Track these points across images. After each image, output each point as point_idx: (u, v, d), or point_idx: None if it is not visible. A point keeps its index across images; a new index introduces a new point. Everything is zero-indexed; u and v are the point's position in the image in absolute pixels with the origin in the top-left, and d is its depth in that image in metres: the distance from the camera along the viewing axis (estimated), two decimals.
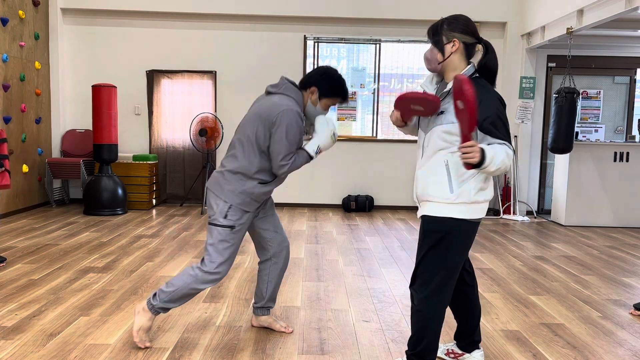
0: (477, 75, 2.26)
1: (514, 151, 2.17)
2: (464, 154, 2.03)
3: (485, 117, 2.11)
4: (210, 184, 2.67)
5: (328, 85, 2.67)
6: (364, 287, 3.82)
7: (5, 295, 3.42)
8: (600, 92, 7.67)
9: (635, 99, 7.70)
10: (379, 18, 7.32)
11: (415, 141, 7.67)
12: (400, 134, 7.75)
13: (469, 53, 2.27)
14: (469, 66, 2.25)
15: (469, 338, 2.53)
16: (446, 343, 2.71)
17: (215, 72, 7.45)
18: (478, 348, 2.55)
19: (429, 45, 2.38)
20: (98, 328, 2.92)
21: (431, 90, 2.37)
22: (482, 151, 2.03)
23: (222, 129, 7.31)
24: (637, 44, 7.26)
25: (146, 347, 2.67)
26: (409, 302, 3.49)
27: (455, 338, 2.60)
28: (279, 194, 7.62)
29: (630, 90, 7.68)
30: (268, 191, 2.69)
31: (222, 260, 2.61)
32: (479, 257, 4.83)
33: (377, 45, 7.56)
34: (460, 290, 2.49)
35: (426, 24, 7.39)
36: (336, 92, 2.69)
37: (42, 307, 3.22)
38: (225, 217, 2.60)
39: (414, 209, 7.63)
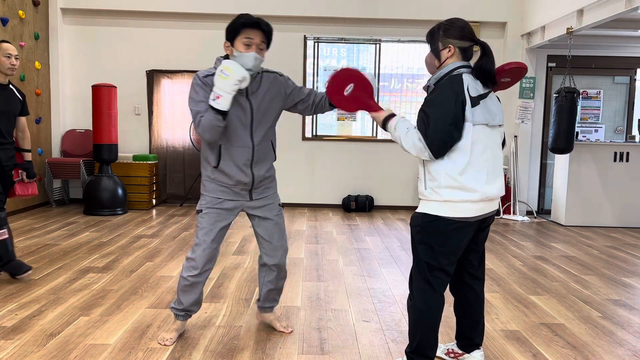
0: (457, 72, 2.26)
1: (429, 149, 2.15)
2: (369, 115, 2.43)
3: (424, 107, 2.24)
4: None
5: (228, 29, 2.55)
6: (364, 287, 3.82)
7: (5, 295, 3.42)
8: (600, 92, 7.68)
9: (635, 99, 7.70)
10: (379, 18, 7.32)
11: None
12: None
13: (465, 56, 2.32)
14: (449, 64, 2.30)
15: (468, 339, 2.54)
16: (446, 343, 2.72)
17: None
18: (478, 348, 2.55)
19: (429, 48, 2.40)
20: (98, 328, 2.92)
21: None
22: (392, 115, 2.43)
23: None
24: (637, 44, 7.26)
25: (165, 345, 2.72)
26: None
27: (456, 338, 2.60)
28: (279, 193, 7.60)
29: (630, 90, 7.68)
30: (228, 175, 2.59)
31: (196, 242, 2.67)
32: None
33: (377, 45, 7.56)
34: (461, 291, 2.50)
35: (426, 24, 7.42)
36: (234, 27, 2.51)
37: (42, 307, 3.22)
38: (198, 204, 2.72)
39: (414, 208, 7.63)
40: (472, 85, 2.24)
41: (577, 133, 6.84)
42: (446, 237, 2.26)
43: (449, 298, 3.61)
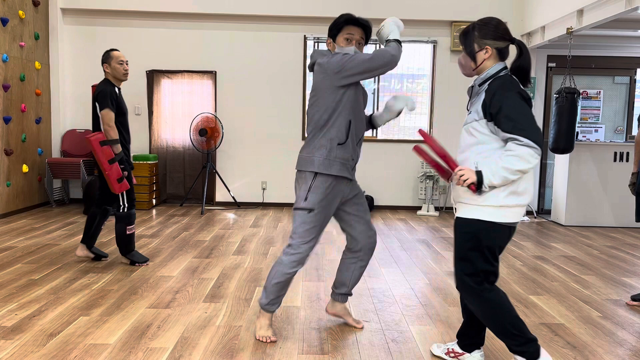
0: (504, 73, 2.24)
1: (536, 143, 2.09)
2: (460, 177, 2.16)
3: (497, 109, 2.13)
4: None
5: (331, 27, 2.74)
6: (364, 287, 3.82)
7: (5, 295, 3.42)
8: (600, 92, 7.68)
9: (635, 99, 7.70)
10: (379, 18, 7.32)
11: (414, 141, 7.66)
12: (400, 134, 7.75)
13: (502, 56, 2.28)
14: (495, 65, 2.25)
15: (472, 339, 2.53)
16: (447, 342, 2.72)
17: (215, 72, 7.45)
18: (478, 348, 2.55)
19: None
20: (98, 328, 2.92)
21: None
22: (478, 172, 2.15)
23: (222, 129, 7.31)
24: (637, 44, 7.27)
25: (272, 341, 2.78)
26: (409, 302, 3.49)
27: (457, 336, 2.59)
28: (279, 193, 7.62)
29: (630, 90, 7.68)
30: (350, 150, 2.73)
31: (301, 237, 2.70)
32: None
33: (377, 45, 7.55)
34: None
35: (426, 24, 7.42)
36: (336, 24, 2.71)
37: (42, 307, 3.22)
38: (305, 201, 2.74)
39: (414, 208, 7.63)
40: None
41: (577, 133, 6.84)
42: (497, 242, 2.23)
43: (448, 297, 3.61)
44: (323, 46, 7.60)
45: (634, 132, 7.57)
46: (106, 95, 3.94)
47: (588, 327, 3.13)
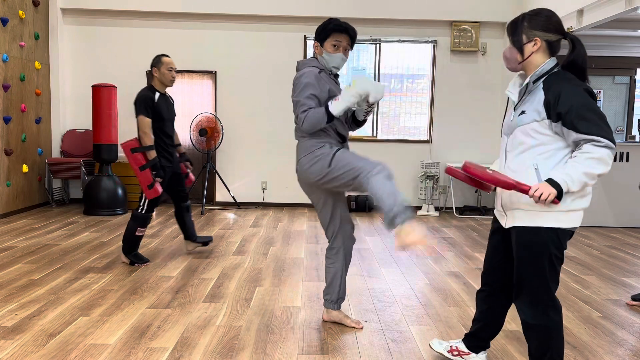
0: (558, 69, 2.10)
1: (613, 143, 1.95)
2: (538, 197, 1.96)
3: (566, 109, 1.96)
4: None
5: (319, 31, 2.83)
6: (364, 287, 3.82)
7: (5, 295, 3.42)
8: (600, 92, 7.68)
9: (635, 99, 7.70)
10: (379, 18, 7.33)
11: (414, 141, 7.66)
12: (399, 134, 7.75)
13: (552, 50, 2.12)
14: (548, 60, 2.11)
15: (481, 341, 2.50)
16: (449, 341, 2.71)
17: (215, 72, 7.45)
18: (484, 349, 2.53)
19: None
20: (98, 328, 2.92)
21: (516, 93, 2.22)
22: (555, 184, 1.94)
23: (222, 129, 7.31)
24: (637, 44, 7.27)
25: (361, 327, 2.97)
26: (409, 302, 3.49)
27: (466, 335, 2.56)
28: (279, 193, 7.62)
29: (630, 90, 7.69)
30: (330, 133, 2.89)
31: (332, 231, 2.97)
32: (479, 257, 4.82)
33: (377, 45, 7.56)
34: (500, 299, 2.39)
35: (426, 24, 7.42)
36: (325, 30, 2.78)
37: (42, 307, 3.22)
38: (324, 163, 2.85)
39: (414, 208, 7.63)
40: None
41: None
42: (564, 248, 2.09)
43: (448, 297, 3.61)
44: None
45: (634, 131, 7.58)
46: (141, 102, 4.05)
47: (588, 327, 3.13)
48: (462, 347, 2.56)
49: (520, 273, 2.15)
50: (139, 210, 4.17)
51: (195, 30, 7.40)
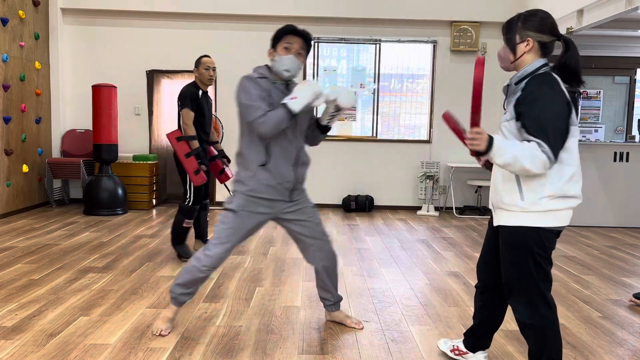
0: (545, 70, 2.09)
1: (553, 159, 1.96)
2: (470, 139, 2.00)
3: (527, 110, 1.99)
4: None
5: (272, 37, 2.73)
6: (364, 287, 3.82)
7: (5, 295, 3.42)
8: (600, 92, 7.68)
9: (635, 99, 7.70)
10: (379, 18, 7.33)
11: (414, 141, 7.66)
12: (399, 134, 7.75)
13: (545, 51, 2.12)
14: (534, 61, 2.11)
15: (477, 340, 2.51)
16: (453, 339, 2.71)
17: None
18: (483, 350, 2.53)
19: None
20: (98, 328, 2.92)
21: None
22: (490, 139, 1.97)
23: (222, 128, 7.31)
24: (637, 44, 7.27)
25: (161, 335, 2.82)
26: (409, 302, 3.49)
27: (465, 334, 2.57)
28: None
29: (630, 90, 7.69)
30: (274, 174, 2.67)
31: (218, 238, 2.70)
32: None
33: (377, 45, 7.56)
34: (495, 298, 2.40)
35: (426, 24, 7.42)
36: (277, 34, 2.71)
37: (42, 307, 3.22)
38: (231, 202, 2.75)
39: (414, 208, 7.63)
40: (564, 85, 2.08)
41: None
42: (549, 247, 2.10)
43: (448, 298, 3.61)
44: (323, 46, 7.60)
45: (634, 131, 7.58)
46: (187, 96, 4.20)
47: (588, 327, 3.13)
48: (462, 347, 2.57)
49: (508, 274, 2.17)
50: (186, 203, 4.29)
51: (195, 30, 7.40)
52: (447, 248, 5.18)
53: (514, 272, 2.14)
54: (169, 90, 7.50)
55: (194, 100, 4.22)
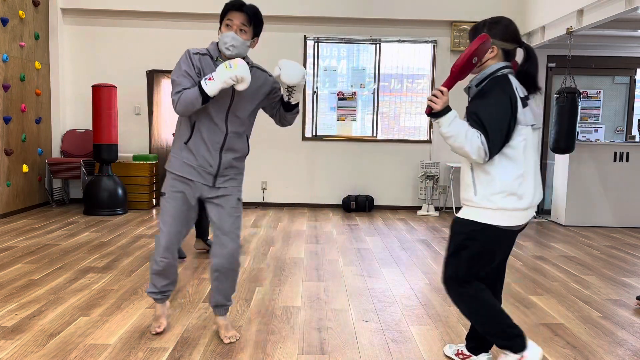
0: (503, 72, 2.18)
1: (489, 152, 2.08)
2: (433, 95, 2.12)
3: (476, 109, 2.11)
4: None
5: (222, 11, 2.62)
6: (364, 287, 3.82)
7: (5, 295, 3.42)
8: (600, 92, 7.68)
9: (635, 99, 7.70)
10: (379, 18, 7.32)
11: (414, 141, 7.66)
12: (399, 134, 7.74)
13: (507, 58, 2.23)
14: (492, 64, 2.20)
15: (477, 342, 2.51)
16: (457, 344, 2.71)
17: None
18: (486, 352, 2.53)
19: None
20: (98, 328, 2.92)
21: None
22: (448, 108, 2.11)
23: None
24: (637, 44, 7.26)
25: (157, 333, 2.82)
26: (409, 302, 3.49)
27: (466, 339, 2.58)
28: (279, 193, 7.62)
29: (630, 90, 7.68)
30: (195, 155, 2.60)
31: (160, 229, 2.70)
32: None
33: (377, 45, 7.56)
34: None
35: (426, 24, 7.42)
36: (221, 13, 2.60)
37: (42, 307, 3.22)
38: (163, 186, 2.72)
39: (414, 208, 7.63)
40: (519, 86, 2.16)
41: (577, 133, 6.84)
42: (493, 245, 2.19)
43: (447, 298, 3.61)
44: (323, 46, 7.60)
45: (634, 131, 7.58)
46: None
47: (588, 327, 3.13)
48: (465, 351, 2.58)
49: (447, 257, 2.31)
50: None
51: (195, 30, 7.40)
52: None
53: (454, 257, 2.27)
54: (169, 90, 7.49)
55: None
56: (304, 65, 7.48)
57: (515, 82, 2.17)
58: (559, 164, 6.89)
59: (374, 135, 7.68)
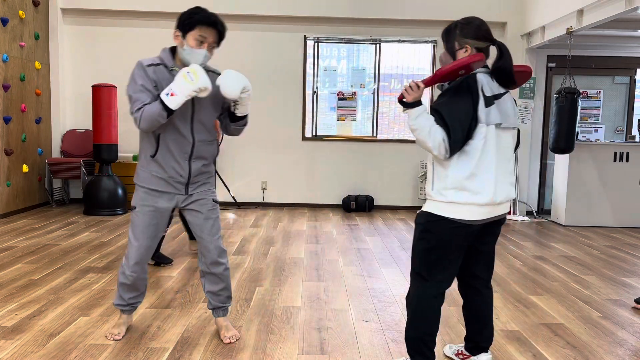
0: (475, 72, 2.22)
1: (450, 150, 2.12)
2: (408, 86, 2.20)
3: (439, 107, 2.18)
4: None
5: (183, 20, 2.48)
6: (364, 287, 3.82)
7: (5, 295, 3.42)
8: (600, 92, 7.68)
9: (635, 99, 7.70)
10: (379, 18, 7.32)
11: (414, 141, 7.66)
12: (399, 134, 7.74)
13: None
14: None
15: (474, 342, 2.51)
16: (457, 344, 2.71)
17: None
18: (485, 352, 2.52)
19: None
20: (98, 328, 2.92)
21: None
22: (419, 102, 2.19)
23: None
24: (637, 44, 7.26)
25: (115, 340, 2.76)
26: None
27: (464, 339, 2.59)
28: (279, 193, 7.62)
29: (630, 90, 7.68)
30: (163, 167, 2.57)
31: (130, 240, 2.65)
32: None
33: (377, 45, 7.56)
34: (468, 294, 2.47)
35: (426, 24, 7.42)
36: (190, 20, 2.44)
37: (42, 307, 3.22)
38: (133, 199, 2.67)
39: (414, 208, 7.63)
40: (487, 85, 2.19)
41: (577, 133, 6.84)
42: (447, 238, 2.22)
43: (448, 298, 3.61)
44: (323, 46, 7.60)
45: (634, 131, 7.58)
46: None
47: (588, 327, 3.13)
48: (464, 351, 2.59)
49: (412, 251, 2.37)
50: None
51: None
52: None
53: (415, 249, 2.33)
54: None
55: None
56: (304, 64, 7.49)
57: (483, 81, 2.19)
58: (559, 164, 6.90)
59: (374, 135, 7.68)
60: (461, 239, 2.24)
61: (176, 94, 2.35)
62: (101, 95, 6.48)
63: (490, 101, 2.17)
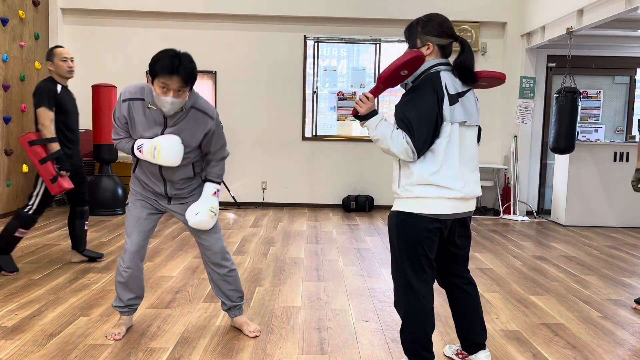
0: (436, 70, 2.21)
1: (416, 151, 2.14)
2: (359, 99, 2.21)
3: (402, 108, 2.19)
4: None
5: (149, 65, 2.48)
6: (364, 287, 3.82)
7: (5, 295, 3.42)
8: (600, 92, 7.67)
9: (635, 99, 7.70)
10: (379, 18, 7.32)
11: None
12: None
13: (444, 53, 2.27)
14: (430, 60, 2.23)
15: (469, 340, 2.51)
16: (457, 344, 2.71)
17: (215, 72, 7.45)
18: (483, 349, 2.51)
19: (406, 43, 2.36)
20: (98, 328, 2.92)
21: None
22: (373, 113, 2.20)
23: (222, 129, 7.30)
24: (637, 44, 7.26)
25: (115, 340, 2.76)
26: None
27: (458, 339, 2.58)
28: (279, 193, 7.62)
29: (630, 90, 7.68)
30: (143, 183, 2.73)
31: (126, 238, 2.75)
32: (479, 257, 4.83)
33: (377, 45, 7.56)
34: (452, 293, 2.49)
35: None
36: (151, 69, 2.44)
37: (42, 307, 3.22)
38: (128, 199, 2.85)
39: None
40: (450, 83, 2.19)
41: (577, 133, 6.85)
42: (419, 233, 2.21)
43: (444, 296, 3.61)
44: (323, 46, 7.60)
45: (634, 131, 7.58)
46: (42, 93, 3.86)
47: (588, 327, 3.13)
48: (463, 350, 2.58)
49: (390, 254, 2.36)
50: (26, 210, 3.84)
51: (195, 30, 7.40)
52: None
53: (391, 251, 2.31)
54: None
55: (52, 97, 3.88)
56: (304, 64, 7.48)
57: (446, 79, 2.19)
58: (559, 164, 6.90)
59: None
60: (434, 234, 2.24)
61: (143, 153, 2.54)
62: (101, 95, 6.49)
63: (454, 99, 2.18)
